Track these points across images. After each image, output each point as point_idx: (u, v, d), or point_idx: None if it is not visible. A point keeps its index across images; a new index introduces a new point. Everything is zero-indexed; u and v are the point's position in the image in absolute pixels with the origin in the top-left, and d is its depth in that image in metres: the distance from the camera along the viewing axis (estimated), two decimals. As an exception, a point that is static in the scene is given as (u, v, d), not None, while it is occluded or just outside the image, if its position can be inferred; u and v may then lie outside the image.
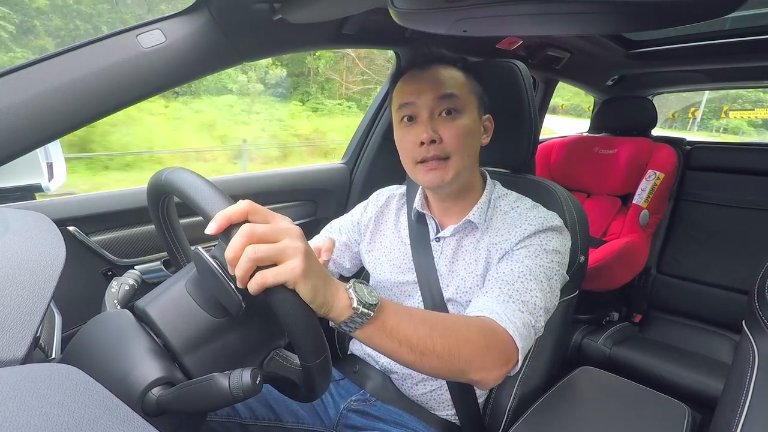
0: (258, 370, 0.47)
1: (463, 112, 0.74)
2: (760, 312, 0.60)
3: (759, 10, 1.33)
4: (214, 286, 0.48)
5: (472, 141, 0.76)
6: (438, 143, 0.73)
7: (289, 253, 0.42)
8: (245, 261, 0.41)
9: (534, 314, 0.64)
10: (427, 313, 0.58)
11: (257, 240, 0.41)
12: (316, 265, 0.45)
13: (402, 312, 0.53)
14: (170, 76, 0.78)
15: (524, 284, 0.66)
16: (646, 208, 1.69)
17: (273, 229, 0.42)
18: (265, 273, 0.41)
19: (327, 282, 0.47)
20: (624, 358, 1.52)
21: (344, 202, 1.39)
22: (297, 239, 0.43)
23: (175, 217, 0.67)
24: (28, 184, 0.82)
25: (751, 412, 0.56)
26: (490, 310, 0.62)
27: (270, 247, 0.41)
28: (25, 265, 0.44)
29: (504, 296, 0.64)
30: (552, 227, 0.73)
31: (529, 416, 0.77)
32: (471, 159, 0.77)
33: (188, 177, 0.50)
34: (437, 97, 0.73)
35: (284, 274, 0.41)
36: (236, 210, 0.42)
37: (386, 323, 0.50)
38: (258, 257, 0.41)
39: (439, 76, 0.75)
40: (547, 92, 1.90)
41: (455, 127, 0.73)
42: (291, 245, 0.42)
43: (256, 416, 0.79)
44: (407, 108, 0.76)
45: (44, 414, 0.28)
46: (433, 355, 0.52)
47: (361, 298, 0.48)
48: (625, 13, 0.55)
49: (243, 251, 0.41)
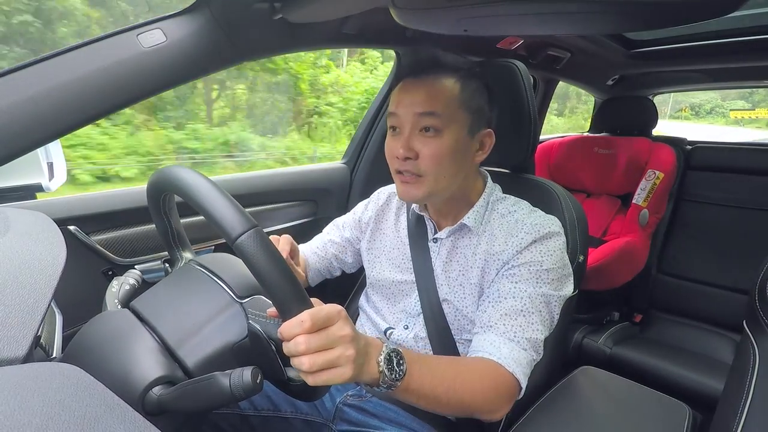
0: (258, 370, 0.47)
1: (445, 130, 0.71)
2: (760, 312, 0.60)
3: (759, 10, 1.32)
4: (265, 362, 0.52)
5: (453, 161, 0.72)
6: (414, 160, 0.72)
7: (342, 362, 0.48)
8: (303, 367, 0.47)
9: (536, 349, 0.69)
10: (446, 368, 0.62)
11: (314, 351, 0.47)
12: (359, 356, 0.50)
13: (423, 375, 0.58)
14: (170, 76, 0.78)
15: (527, 318, 0.68)
16: (645, 207, 1.69)
17: (327, 340, 0.47)
18: (319, 376, 0.48)
19: (362, 363, 0.52)
20: (624, 357, 1.52)
21: (345, 202, 1.39)
22: (349, 346, 0.49)
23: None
24: (29, 183, 0.82)
25: (751, 412, 0.56)
26: (498, 354, 0.66)
27: (325, 360, 0.47)
28: (25, 265, 0.44)
29: (509, 334, 0.68)
30: (549, 233, 0.73)
31: (529, 416, 0.77)
32: (451, 178, 0.74)
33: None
34: (418, 113, 0.71)
35: (335, 379, 0.48)
36: (299, 332, 0.46)
37: (408, 388, 0.56)
38: (316, 368, 0.47)
39: (428, 90, 0.71)
40: (547, 92, 1.90)
41: (433, 146, 0.71)
42: (343, 354, 0.48)
43: (255, 407, 0.80)
44: (393, 117, 0.75)
45: (45, 413, 0.28)
46: (447, 407, 0.61)
47: (388, 374, 0.54)
48: (625, 13, 0.55)
49: (300, 357, 0.47)
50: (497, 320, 0.69)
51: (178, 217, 0.67)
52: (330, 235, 0.99)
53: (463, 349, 0.78)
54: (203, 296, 0.58)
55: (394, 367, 0.54)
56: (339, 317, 0.49)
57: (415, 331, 0.81)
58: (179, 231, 0.68)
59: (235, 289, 0.58)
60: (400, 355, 0.56)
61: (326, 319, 0.47)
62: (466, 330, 0.78)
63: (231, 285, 0.58)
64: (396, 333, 0.83)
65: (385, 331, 0.85)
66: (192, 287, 0.60)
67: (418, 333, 0.81)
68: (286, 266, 0.46)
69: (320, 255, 0.97)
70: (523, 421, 0.76)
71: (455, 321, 0.78)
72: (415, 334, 0.81)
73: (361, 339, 0.52)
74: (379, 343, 0.55)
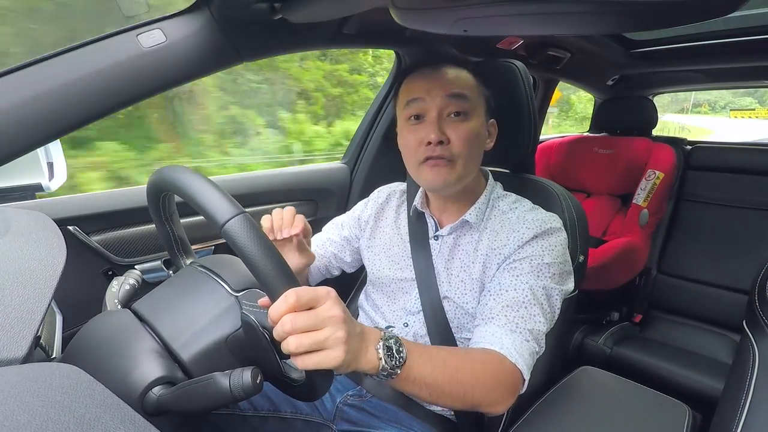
0: (258, 370, 0.47)
1: (472, 115, 0.74)
2: (760, 312, 0.60)
3: (759, 10, 1.32)
4: (260, 353, 0.51)
5: (478, 145, 0.76)
6: (446, 144, 0.72)
7: (330, 344, 0.46)
8: (290, 348, 0.45)
9: (538, 341, 0.68)
10: (447, 357, 0.61)
11: (301, 331, 0.45)
12: (352, 340, 0.48)
13: (424, 363, 0.57)
14: (170, 76, 0.78)
15: (528, 310, 0.68)
16: (645, 207, 1.69)
17: (316, 320, 0.45)
18: (308, 359, 0.45)
19: (358, 349, 0.50)
20: (624, 358, 1.52)
21: (345, 202, 1.39)
22: (339, 327, 0.46)
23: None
24: (29, 183, 0.82)
25: (751, 412, 0.56)
26: (500, 344, 0.65)
27: (313, 341, 0.45)
28: (25, 265, 0.44)
29: (511, 325, 0.67)
30: (550, 229, 0.73)
31: (529, 416, 0.77)
32: (475, 163, 0.77)
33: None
34: (447, 95, 0.72)
35: (325, 362, 0.46)
36: (284, 310, 0.44)
37: (409, 376, 0.55)
38: (302, 349, 0.45)
39: (450, 76, 0.74)
40: (547, 92, 1.90)
41: (464, 129, 0.73)
42: (332, 336, 0.46)
43: (254, 407, 0.80)
44: (415, 105, 0.74)
45: (45, 413, 0.28)
46: (449, 397, 0.59)
47: (388, 361, 0.52)
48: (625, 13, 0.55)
49: (287, 338, 0.45)
50: (499, 312, 0.68)
51: (180, 222, 0.67)
52: (329, 234, 0.99)
53: (464, 347, 0.78)
54: (201, 294, 0.58)
55: (394, 354, 0.53)
56: (328, 297, 0.47)
57: (414, 328, 0.81)
58: (181, 237, 0.68)
59: (231, 283, 0.58)
60: (399, 343, 0.55)
61: (313, 297, 0.46)
62: (466, 327, 0.78)
63: (228, 280, 0.58)
64: (396, 331, 0.83)
65: (385, 329, 0.85)
66: (191, 287, 0.60)
67: (417, 331, 0.81)
68: (274, 250, 0.45)
69: (319, 254, 0.97)
70: (523, 421, 0.76)
71: (455, 318, 0.78)
72: (414, 332, 0.81)
73: (357, 325, 0.51)
74: (378, 331, 0.54)
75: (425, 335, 0.80)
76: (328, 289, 0.48)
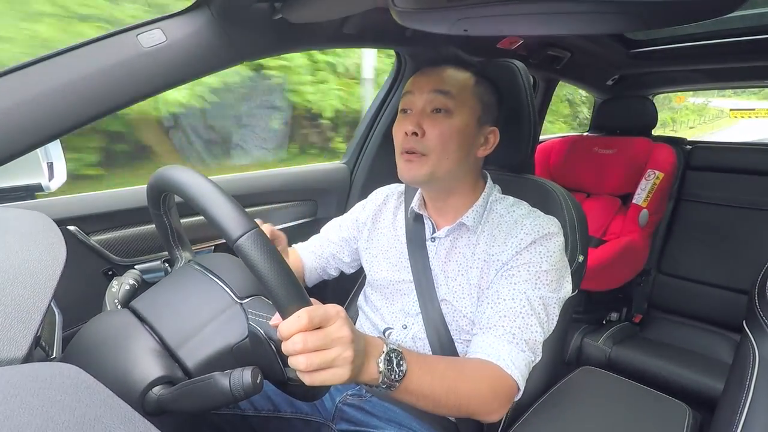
0: (258, 370, 0.47)
1: (456, 112, 0.74)
2: (760, 312, 0.60)
3: (759, 10, 1.33)
4: (265, 363, 0.52)
5: (459, 145, 0.74)
6: (420, 137, 0.73)
7: (338, 363, 0.47)
8: (299, 366, 0.46)
9: (535, 351, 0.69)
10: (445, 369, 0.62)
11: (311, 351, 0.46)
12: (357, 358, 0.49)
13: (423, 375, 0.58)
14: (171, 76, 0.78)
15: (525, 320, 0.68)
16: (645, 207, 1.69)
17: (326, 340, 0.47)
18: (317, 376, 0.47)
19: (361, 364, 0.51)
20: (624, 358, 1.52)
21: (344, 202, 1.39)
22: (347, 347, 0.48)
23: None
24: (29, 183, 0.82)
25: (751, 412, 0.56)
26: (497, 356, 0.66)
27: (322, 360, 0.46)
28: (25, 265, 0.45)
29: (508, 336, 0.68)
30: (548, 234, 0.73)
31: (529, 416, 0.77)
32: (452, 162, 0.75)
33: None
34: (433, 90, 0.74)
35: (332, 380, 0.48)
36: (296, 330, 0.46)
37: (408, 388, 0.56)
38: (312, 368, 0.46)
39: (445, 74, 0.75)
40: (547, 92, 1.90)
41: (442, 125, 0.73)
42: (341, 356, 0.47)
43: (255, 407, 0.80)
44: (405, 98, 0.77)
45: (45, 413, 0.28)
46: (445, 408, 0.61)
47: (388, 375, 0.53)
48: (625, 13, 0.55)
49: (297, 355, 0.46)
50: (496, 321, 0.69)
51: (177, 216, 0.67)
52: (327, 235, 0.99)
53: (462, 349, 0.78)
54: (203, 296, 0.58)
55: (394, 367, 0.54)
56: (338, 317, 0.48)
57: (413, 331, 0.81)
58: (179, 231, 0.68)
59: (236, 289, 0.58)
60: (400, 356, 0.56)
61: (324, 318, 0.47)
62: (464, 330, 0.78)
63: (231, 285, 0.58)
64: (395, 333, 0.83)
65: (384, 332, 0.85)
66: (192, 287, 0.60)
67: (416, 333, 0.81)
68: (286, 267, 0.46)
69: (317, 254, 0.97)
70: (523, 422, 0.76)
71: (454, 321, 0.78)
72: (413, 334, 0.81)
73: (361, 340, 0.52)
74: (380, 343, 0.55)
75: (424, 338, 0.80)
76: (338, 308, 0.49)
